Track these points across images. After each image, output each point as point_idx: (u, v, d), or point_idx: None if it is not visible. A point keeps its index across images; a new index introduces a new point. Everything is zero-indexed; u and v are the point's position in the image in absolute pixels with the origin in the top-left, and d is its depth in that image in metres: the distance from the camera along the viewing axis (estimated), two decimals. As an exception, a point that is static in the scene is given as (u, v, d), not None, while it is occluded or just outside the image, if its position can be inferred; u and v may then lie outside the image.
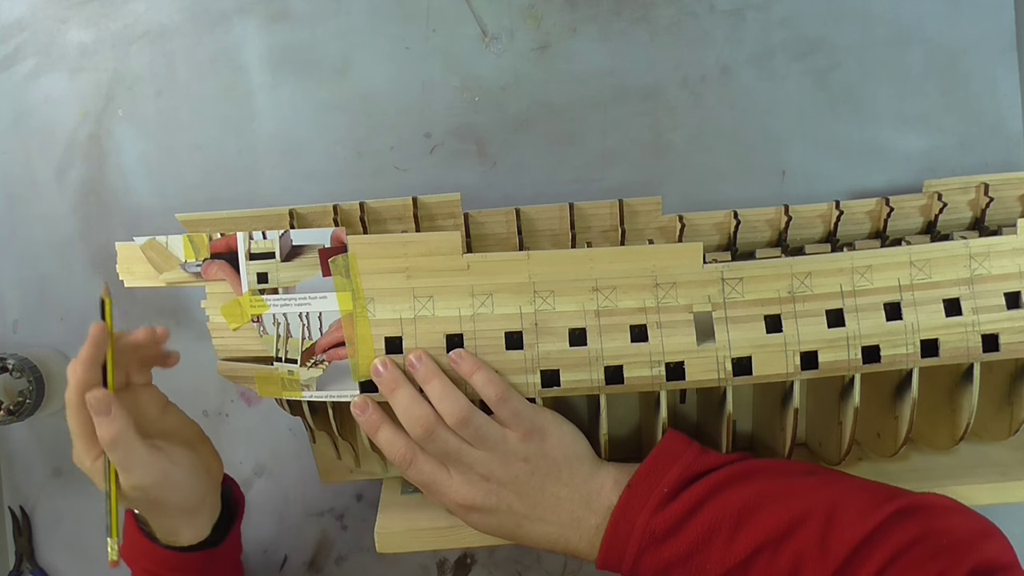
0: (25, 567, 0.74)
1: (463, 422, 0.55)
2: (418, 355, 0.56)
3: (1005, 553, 0.51)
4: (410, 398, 0.56)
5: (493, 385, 0.55)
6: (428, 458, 0.56)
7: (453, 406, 0.55)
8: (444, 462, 0.56)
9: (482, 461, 0.55)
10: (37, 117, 0.73)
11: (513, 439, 0.56)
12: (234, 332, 0.59)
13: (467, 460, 0.55)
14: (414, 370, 0.56)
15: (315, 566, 0.76)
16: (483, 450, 0.55)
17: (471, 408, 0.55)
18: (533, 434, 0.56)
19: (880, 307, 0.57)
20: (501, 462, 0.55)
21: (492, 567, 0.76)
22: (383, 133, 0.72)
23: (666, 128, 0.72)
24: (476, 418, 0.55)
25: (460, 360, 0.56)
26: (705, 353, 0.57)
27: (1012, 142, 0.73)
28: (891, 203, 0.66)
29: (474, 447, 0.55)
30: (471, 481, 0.56)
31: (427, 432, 0.55)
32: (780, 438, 0.62)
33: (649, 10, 0.72)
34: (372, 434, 0.57)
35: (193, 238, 0.59)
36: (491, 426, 0.55)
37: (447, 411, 0.55)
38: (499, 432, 0.56)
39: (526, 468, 0.56)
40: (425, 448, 0.56)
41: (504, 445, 0.55)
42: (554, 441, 0.57)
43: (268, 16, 0.72)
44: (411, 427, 0.55)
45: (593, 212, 0.66)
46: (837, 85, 0.72)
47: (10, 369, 0.67)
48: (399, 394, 0.56)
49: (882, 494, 0.53)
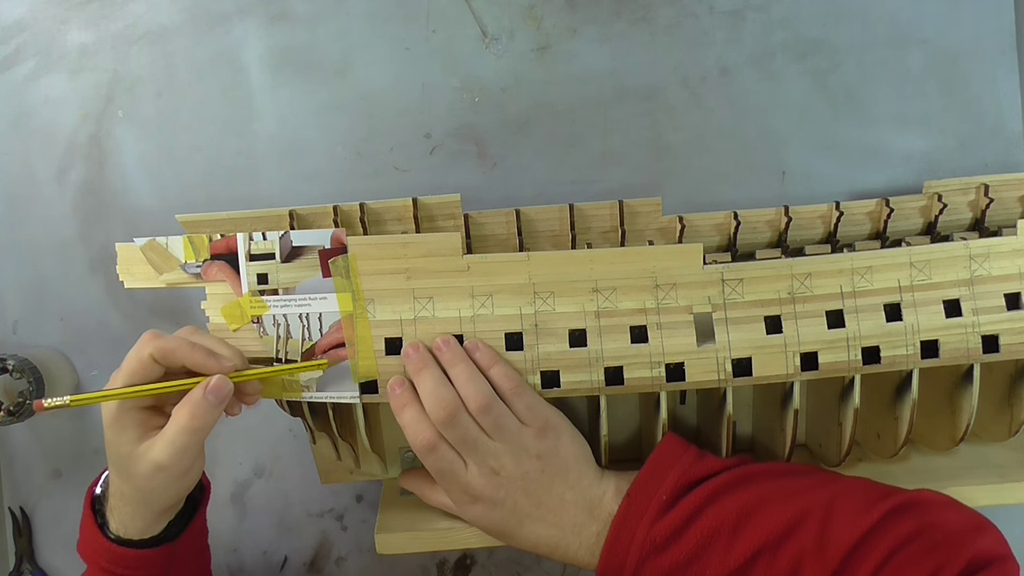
0: (25, 567, 0.74)
1: (484, 408, 0.55)
2: (446, 339, 0.57)
3: (999, 545, 0.52)
4: (436, 379, 0.56)
5: (509, 378, 0.56)
6: (448, 446, 0.56)
7: (476, 392, 0.55)
8: (460, 449, 0.56)
9: (496, 453, 0.55)
10: (37, 118, 0.73)
11: (528, 434, 0.56)
12: (234, 333, 0.59)
13: (483, 450, 0.55)
14: (440, 353, 0.57)
15: (315, 567, 0.76)
16: (499, 441, 0.56)
17: (493, 396, 0.56)
18: (547, 431, 0.56)
19: (880, 308, 0.57)
20: (515, 456, 0.56)
21: (492, 568, 0.76)
22: (383, 134, 0.72)
23: (666, 129, 0.72)
24: (497, 407, 0.55)
25: (478, 351, 0.57)
26: (705, 354, 0.57)
27: (1012, 143, 0.73)
28: (891, 204, 0.66)
29: (491, 437, 0.56)
30: (483, 473, 0.56)
31: (449, 415, 0.55)
32: (780, 439, 0.62)
33: (649, 11, 0.72)
34: (399, 412, 0.57)
35: (193, 239, 0.59)
36: (510, 418, 0.56)
37: (471, 395, 0.55)
38: (516, 425, 0.56)
39: (537, 465, 0.56)
40: (444, 433, 0.56)
41: (519, 439, 0.56)
42: (566, 440, 0.57)
43: (268, 17, 0.72)
44: (434, 408, 0.55)
45: (593, 213, 0.66)
46: (837, 86, 0.72)
47: (10, 370, 0.67)
48: (426, 374, 0.56)
49: (878, 492, 0.54)
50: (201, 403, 0.51)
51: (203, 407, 0.51)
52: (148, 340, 0.53)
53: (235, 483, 0.75)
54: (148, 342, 0.53)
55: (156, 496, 0.54)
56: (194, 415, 0.51)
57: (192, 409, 0.51)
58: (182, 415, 0.51)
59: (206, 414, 0.51)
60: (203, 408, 0.51)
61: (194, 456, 0.53)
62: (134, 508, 0.55)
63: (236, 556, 0.75)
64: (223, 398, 0.52)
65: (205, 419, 0.51)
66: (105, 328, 0.73)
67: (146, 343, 0.53)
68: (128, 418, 0.52)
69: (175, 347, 0.52)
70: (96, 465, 0.73)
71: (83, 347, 0.74)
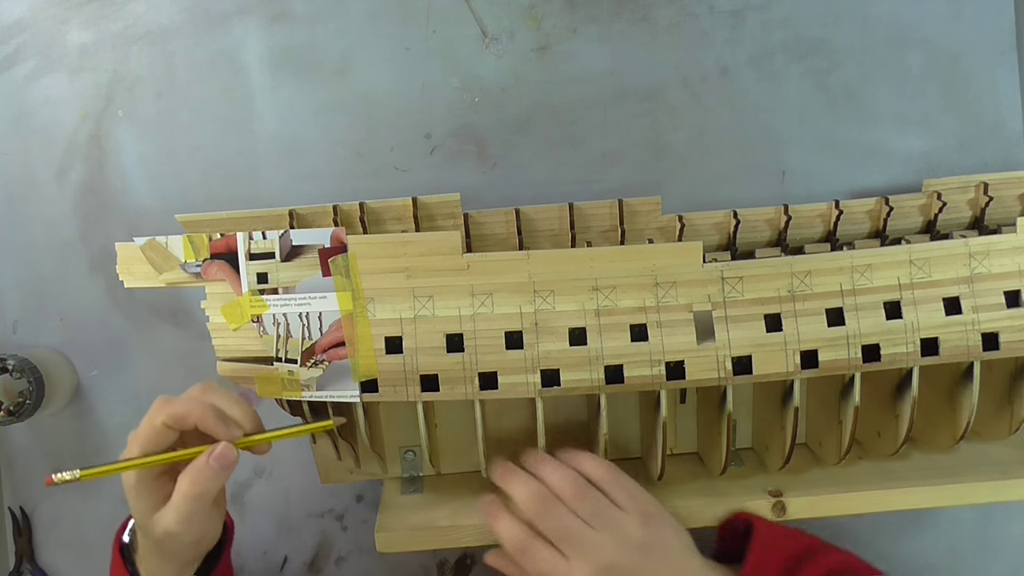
0: (25, 568, 0.74)
1: (579, 495, 0.54)
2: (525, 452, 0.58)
3: None
4: (526, 479, 0.56)
5: (603, 467, 0.56)
6: (545, 544, 0.54)
7: (568, 480, 0.55)
8: (560, 544, 0.54)
9: (602, 546, 0.53)
10: (37, 118, 0.73)
11: (631, 522, 0.54)
12: (234, 332, 0.59)
13: (587, 542, 0.53)
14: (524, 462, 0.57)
15: (315, 567, 0.76)
16: (600, 531, 0.54)
17: (587, 484, 0.55)
18: (651, 518, 0.55)
19: (880, 306, 0.57)
20: (620, 546, 0.53)
21: (492, 568, 0.76)
22: (383, 134, 0.72)
23: (666, 129, 0.72)
24: (592, 493, 0.55)
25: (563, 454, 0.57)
26: (705, 352, 0.57)
27: (1012, 142, 0.73)
28: (891, 202, 0.66)
29: (591, 527, 0.54)
30: (591, 572, 0.53)
31: (545, 506, 0.54)
32: (780, 437, 0.62)
33: (649, 11, 0.72)
34: (494, 523, 0.56)
35: (193, 238, 0.59)
36: (609, 505, 0.55)
37: (563, 486, 0.55)
38: (617, 512, 0.55)
39: (643, 556, 0.54)
40: (542, 527, 0.54)
41: (622, 527, 0.54)
42: (670, 529, 0.56)
43: (268, 17, 0.72)
44: (528, 502, 0.55)
45: (593, 212, 0.66)
46: (837, 86, 0.72)
47: (10, 370, 0.67)
48: (514, 477, 0.56)
49: None
50: (204, 470, 0.51)
51: (206, 474, 0.51)
52: (160, 407, 0.53)
53: (235, 483, 0.75)
54: (159, 410, 0.52)
55: (176, 556, 0.54)
56: (196, 482, 0.51)
57: (195, 476, 0.51)
58: (185, 483, 0.51)
59: (209, 481, 0.51)
60: (206, 475, 0.51)
61: (203, 520, 0.53)
62: (159, 562, 0.55)
63: (236, 556, 0.75)
64: (228, 465, 0.52)
65: (208, 486, 0.51)
66: (105, 328, 0.73)
67: (158, 411, 0.52)
68: (143, 487, 0.52)
69: (186, 412, 0.52)
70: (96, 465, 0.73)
71: (83, 347, 0.74)
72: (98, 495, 0.74)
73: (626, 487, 0.56)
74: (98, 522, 0.74)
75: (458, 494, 0.67)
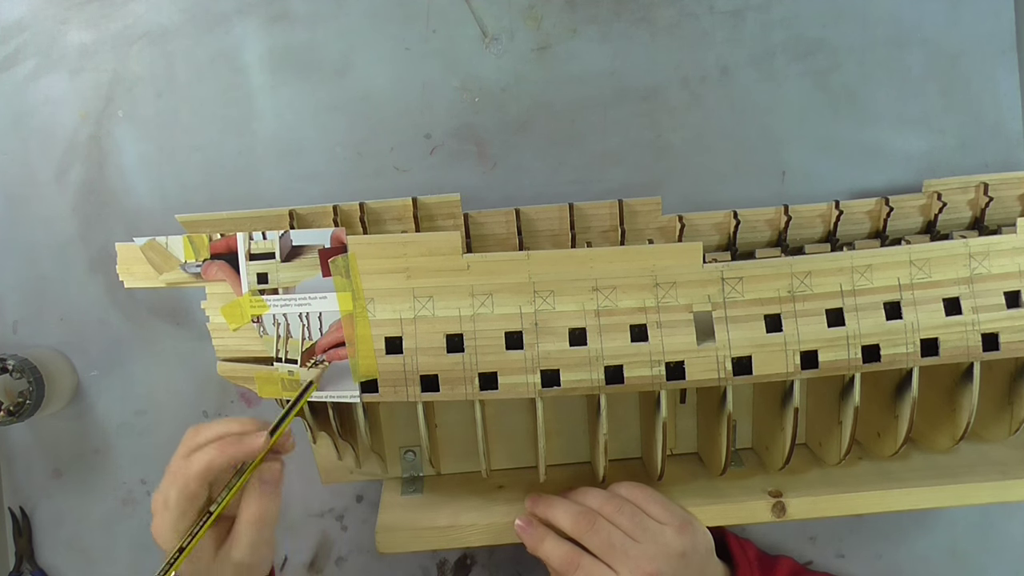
0: (25, 567, 0.74)
1: (619, 510, 0.58)
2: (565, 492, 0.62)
3: None
4: (568, 502, 0.60)
5: (637, 488, 0.60)
6: (593, 560, 0.57)
7: (608, 499, 0.59)
8: (606, 558, 0.57)
9: (647, 556, 0.57)
10: (37, 118, 0.73)
11: (670, 532, 0.58)
12: (234, 332, 0.59)
13: (632, 553, 0.57)
14: (564, 494, 0.61)
15: (315, 567, 0.76)
16: (644, 543, 0.57)
17: (624, 500, 0.59)
18: (686, 527, 0.58)
19: (880, 306, 0.57)
20: (664, 555, 0.57)
21: (492, 568, 0.76)
22: (383, 134, 0.72)
23: (666, 129, 0.72)
24: (630, 507, 0.58)
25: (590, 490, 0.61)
26: (705, 353, 0.57)
27: (1012, 142, 0.73)
28: (891, 203, 0.66)
29: (634, 539, 0.57)
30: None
31: (589, 522, 0.57)
32: (780, 438, 0.62)
33: (649, 11, 0.72)
34: (538, 547, 0.59)
35: (193, 239, 0.59)
36: (647, 518, 0.58)
37: (604, 504, 0.59)
38: (655, 524, 0.58)
39: (683, 562, 0.58)
40: (588, 543, 0.57)
41: (662, 537, 0.58)
42: (701, 535, 0.60)
43: (268, 17, 0.72)
44: (574, 521, 0.58)
45: (593, 212, 0.66)
46: (837, 86, 0.72)
47: (10, 370, 0.67)
48: (557, 502, 0.60)
49: None
50: (262, 495, 0.53)
51: (265, 497, 0.53)
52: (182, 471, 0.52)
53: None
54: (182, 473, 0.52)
55: None
56: (258, 506, 0.53)
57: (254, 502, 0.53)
58: (247, 512, 0.53)
59: (269, 501, 0.53)
60: (265, 498, 0.53)
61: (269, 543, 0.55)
62: None
63: (236, 556, 0.75)
64: (277, 480, 0.54)
65: (269, 506, 0.53)
66: (105, 328, 0.73)
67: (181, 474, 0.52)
68: None
69: (209, 460, 0.52)
70: (96, 465, 0.74)
71: (83, 347, 0.74)
72: (98, 495, 0.74)
73: (659, 500, 0.59)
74: (98, 522, 0.74)
75: (458, 494, 0.67)
